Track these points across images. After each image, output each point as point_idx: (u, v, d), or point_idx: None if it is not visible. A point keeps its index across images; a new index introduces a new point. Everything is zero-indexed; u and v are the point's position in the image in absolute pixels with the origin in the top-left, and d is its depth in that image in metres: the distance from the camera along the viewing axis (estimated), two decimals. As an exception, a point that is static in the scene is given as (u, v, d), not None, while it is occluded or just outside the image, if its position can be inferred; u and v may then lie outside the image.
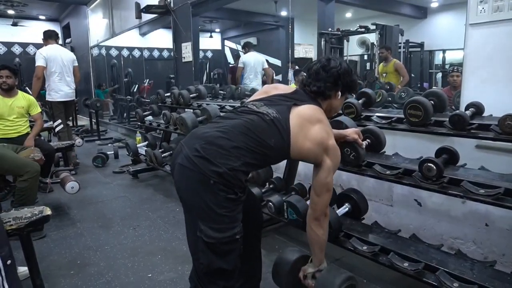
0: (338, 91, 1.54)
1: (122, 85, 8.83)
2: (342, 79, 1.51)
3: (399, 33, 5.65)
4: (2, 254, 1.49)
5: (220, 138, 1.31)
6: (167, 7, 5.13)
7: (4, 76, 3.29)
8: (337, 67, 1.50)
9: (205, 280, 1.37)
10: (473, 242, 2.15)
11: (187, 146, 1.34)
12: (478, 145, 2.03)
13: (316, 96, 1.53)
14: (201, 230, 1.29)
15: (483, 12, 1.94)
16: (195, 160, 1.28)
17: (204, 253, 1.32)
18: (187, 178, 1.31)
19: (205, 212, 1.28)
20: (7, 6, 9.31)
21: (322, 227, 1.51)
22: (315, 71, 1.52)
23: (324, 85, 1.50)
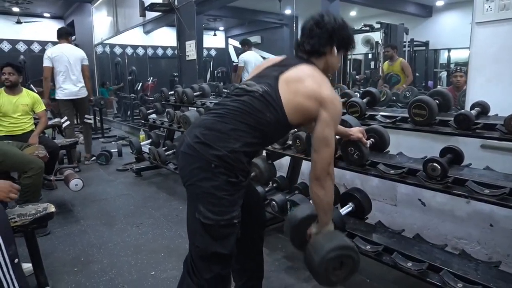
0: (333, 47, 1.45)
1: (126, 83, 8.85)
2: (337, 33, 1.43)
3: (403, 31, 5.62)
4: (10, 252, 1.52)
5: (218, 123, 1.32)
6: (171, 5, 5.13)
7: (7, 73, 3.31)
8: (331, 22, 1.42)
9: (200, 265, 1.35)
10: (477, 242, 2.13)
11: (188, 135, 1.36)
12: (483, 145, 2.01)
13: (310, 56, 1.45)
14: (200, 212, 1.29)
15: (490, 10, 1.93)
16: (196, 146, 1.29)
17: (201, 236, 1.32)
18: (189, 164, 1.32)
19: (205, 195, 1.29)
20: (12, 4, 9.34)
21: (324, 188, 1.39)
22: (309, 28, 1.44)
23: (318, 41, 1.42)
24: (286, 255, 2.37)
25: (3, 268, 1.51)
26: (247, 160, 1.34)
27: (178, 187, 3.90)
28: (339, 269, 1.41)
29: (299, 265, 2.25)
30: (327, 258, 1.37)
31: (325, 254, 1.37)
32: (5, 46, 10.83)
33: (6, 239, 1.52)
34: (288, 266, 2.25)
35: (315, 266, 1.39)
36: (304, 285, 2.06)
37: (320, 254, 1.38)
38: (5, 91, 3.36)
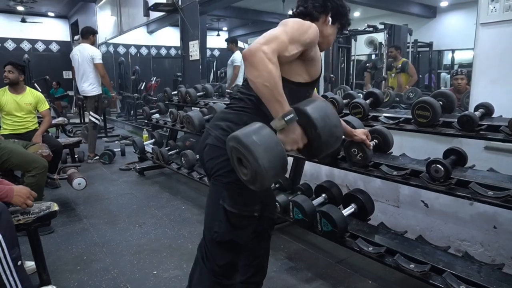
0: (327, 15, 1.41)
1: (129, 83, 8.87)
2: (331, 1, 1.41)
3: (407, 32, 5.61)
4: (13, 255, 1.53)
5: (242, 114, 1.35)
6: (175, 5, 5.14)
7: (7, 71, 3.33)
8: None
9: (214, 251, 1.40)
10: (480, 244, 2.12)
11: (214, 129, 1.38)
12: (487, 147, 2.00)
13: (303, 19, 1.34)
14: (225, 199, 1.34)
15: (494, 11, 1.92)
16: (225, 139, 1.21)
17: (221, 222, 1.36)
18: (218, 155, 1.34)
19: (232, 185, 1.32)
20: (17, 3, 9.40)
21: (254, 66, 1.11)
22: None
23: (312, 4, 1.39)
24: (288, 256, 2.37)
25: (6, 271, 1.52)
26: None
27: (181, 187, 3.91)
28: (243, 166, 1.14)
29: (301, 266, 2.25)
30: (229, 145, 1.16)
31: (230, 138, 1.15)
32: (10, 44, 10.90)
33: (10, 242, 1.53)
34: (290, 267, 2.25)
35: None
36: (306, 286, 2.06)
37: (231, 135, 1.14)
38: (9, 90, 3.38)
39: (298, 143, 1.19)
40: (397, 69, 4.30)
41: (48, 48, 11.57)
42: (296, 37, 1.22)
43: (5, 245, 1.51)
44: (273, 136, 1.11)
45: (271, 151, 1.08)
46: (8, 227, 1.56)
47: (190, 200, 3.44)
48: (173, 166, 3.67)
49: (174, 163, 3.69)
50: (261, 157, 1.06)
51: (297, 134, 1.18)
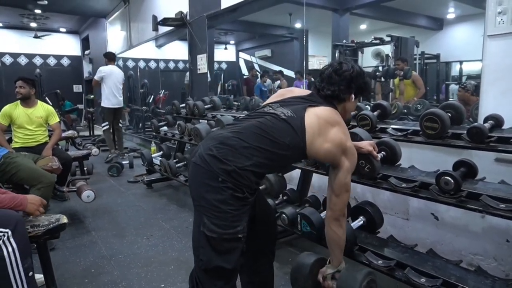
0: (351, 94, 1.55)
1: (138, 96, 8.98)
2: (355, 82, 1.52)
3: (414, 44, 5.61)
4: (25, 266, 1.55)
5: (233, 138, 1.34)
6: (183, 19, 5.23)
7: (18, 86, 3.40)
8: (349, 70, 1.51)
9: (204, 278, 1.36)
10: (493, 258, 2.08)
11: (203, 146, 1.39)
12: (497, 159, 1.98)
13: (331, 100, 1.54)
14: (204, 224, 1.31)
15: (502, 23, 1.92)
16: (207, 158, 1.31)
17: (204, 249, 1.33)
18: (198, 175, 1.35)
19: (210, 208, 1.30)
20: (30, 19, 9.66)
21: (342, 227, 1.54)
22: (328, 75, 1.53)
23: (338, 88, 1.51)
24: (296, 269, 2.34)
25: (17, 281, 1.54)
26: (255, 180, 1.35)
27: (189, 199, 3.90)
28: None
29: (309, 279, 2.22)
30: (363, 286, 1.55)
31: (361, 282, 1.55)
32: (22, 60, 11.16)
33: (23, 252, 1.56)
34: (299, 281, 2.21)
35: None
36: (314, 300, 2.03)
37: (355, 285, 1.55)
38: (20, 104, 3.45)
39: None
40: (400, 77, 4.30)
41: (59, 62, 11.82)
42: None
43: (18, 254, 1.54)
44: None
45: None
46: (22, 237, 1.59)
47: (197, 213, 3.43)
48: (181, 178, 3.68)
49: (182, 175, 3.70)
50: None
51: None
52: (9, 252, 1.52)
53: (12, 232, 1.54)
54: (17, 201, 1.74)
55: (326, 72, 1.54)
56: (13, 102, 3.49)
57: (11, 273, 1.52)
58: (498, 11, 1.93)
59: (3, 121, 3.39)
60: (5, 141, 3.39)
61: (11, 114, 3.40)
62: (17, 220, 1.59)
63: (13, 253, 1.53)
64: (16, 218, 1.60)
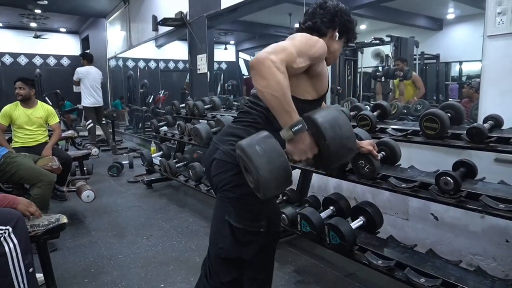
0: (335, 30, 1.42)
1: (138, 96, 8.98)
2: (339, 16, 1.41)
3: (414, 45, 5.61)
4: (26, 262, 1.58)
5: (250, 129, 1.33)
6: (183, 19, 5.23)
7: (18, 87, 3.40)
8: (334, 5, 1.43)
9: (218, 268, 1.38)
10: (493, 258, 2.08)
11: (222, 143, 1.37)
12: (497, 159, 1.98)
13: (311, 33, 1.36)
14: (230, 214, 1.33)
15: (502, 23, 1.92)
16: (234, 154, 1.26)
17: (226, 238, 1.35)
18: (226, 170, 1.33)
19: (238, 200, 1.32)
20: (30, 19, 9.66)
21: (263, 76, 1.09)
22: (312, 10, 1.45)
23: (320, 19, 1.40)
24: (296, 269, 2.35)
25: (18, 276, 1.56)
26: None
27: (188, 199, 3.91)
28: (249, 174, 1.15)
29: (309, 279, 2.23)
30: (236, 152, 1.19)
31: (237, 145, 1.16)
32: (22, 60, 11.16)
33: (24, 249, 1.59)
34: (298, 280, 2.22)
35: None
36: (314, 300, 2.03)
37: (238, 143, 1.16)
38: (20, 104, 3.45)
39: (307, 153, 1.18)
40: (400, 77, 4.30)
41: (59, 62, 11.82)
42: (304, 50, 1.22)
43: (19, 250, 1.56)
44: (277, 146, 1.11)
45: (273, 162, 1.08)
46: (23, 234, 1.61)
47: (197, 213, 3.44)
48: (181, 178, 3.68)
49: (182, 175, 3.70)
50: (262, 167, 1.07)
51: (306, 145, 1.16)
52: (11, 249, 1.54)
53: (13, 229, 1.57)
54: (10, 200, 1.77)
55: (310, 8, 1.47)
56: (13, 102, 3.49)
57: (12, 269, 1.55)
58: (498, 12, 1.93)
59: (3, 121, 3.39)
60: (5, 141, 3.39)
61: (11, 114, 3.40)
62: (18, 218, 1.62)
63: (14, 249, 1.55)
64: (16, 216, 1.63)
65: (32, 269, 1.63)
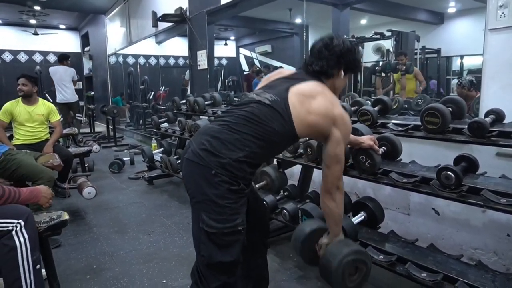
0: (341, 70, 1.50)
1: (138, 92, 8.97)
2: (344, 57, 1.48)
3: (415, 39, 5.59)
4: (34, 258, 1.60)
5: (224, 131, 1.34)
6: (183, 15, 5.21)
7: (21, 84, 3.40)
8: (340, 45, 1.46)
9: (206, 274, 1.36)
10: (494, 253, 2.08)
11: (195, 142, 1.38)
12: (498, 153, 1.98)
13: (319, 75, 1.49)
14: (203, 220, 1.30)
15: (503, 17, 1.91)
16: (201, 153, 1.31)
17: (205, 244, 1.33)
18: (192, 171, 1.34)
19: (208, 203, 1.30)
20: (29, 16, 9.63)
21: (334, 200, 1.47)
22: (318, 50, 1.49)
23: (326, 63, 1.46)
24: (297, 265, 2.35)
25: (25, 272, 1.58)
26: (250, 170, 1.35)
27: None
28: (353, 274, 1.48)
29: (310, 275, 2.23)
30: (344, 261, 1.44)
31: (343, 257, 1.45)
32: (22, 57, 11.14)
33: (33, 244, 1.60)
34: (300, 276, 2.22)
35: (333, 270, 1.44)
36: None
37: (338, 257, 1.45)
38: (22, 101, 3.45)
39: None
40: (402, 71, 4.28)
41: (59, 59, 11.78)
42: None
43: (29, 245, 1.58)
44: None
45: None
46: (33, 230, 1.63)
47: (198, 209, 3.44)
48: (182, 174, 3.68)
49: (183, 171, 3.70)
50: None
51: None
52: (21, 243, 1.56)
53: (24, 223, 1.58)
54: (33, 195, 1.80)
55: (316, 47, 1.50)
56: (14, 99, 3.49)
57: (21, 264, 1.56)
58: (500, 5, 1.91)
59: (4, 118, 3.39)
60: (6, 138, 3.39)
61: (12, 111, 3.40)
62: (29, 213, 1.64)
63: (25, 244, 1.57)
64: (27, 211, 1.65)
65: (39, 266, 1.64)
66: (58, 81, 6.49)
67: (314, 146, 2.12)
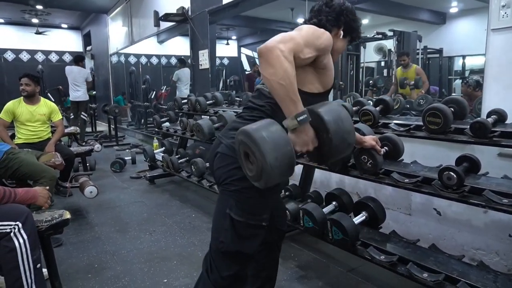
0: (340, 29, 1.44)
1: (140, 92, 8.98)
2: (344, 15, 1.42)
3: (417, 39, 5.58)
4: (34, 257, 1.61)
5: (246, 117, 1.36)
6: (185, 15, 5.21)
7: (24, 84, 3.40)
8: (340, 3, 1.44)
9: (220, 261, 1.37)
10: (496, 253, 2.08)
11: (226, 136, 1.38)
12: (500, 153, 1.97)
13: None
14: (232, 207, 1.32)
15: (506, 16, 1.90)
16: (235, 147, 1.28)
17: (227, 231, 1.34)
18: (228, 164, 1.34)
19: (240, 193, 1.31)
20: (32, 15, 9.64)
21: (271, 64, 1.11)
22: (318, 7, 1.46)
23: (325, 18, 1.41)
24: (298, 265, 2.35)
25: (26, 271, 1.59)
26: None
27: (191, 195, 3.92)
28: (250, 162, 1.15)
29: (312, 274, 2.23)
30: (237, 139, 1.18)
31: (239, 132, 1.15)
32: (24, 56, 11.15)
33: (33, 244, 1.61)
34: (301, 276, 2.23)
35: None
36: (317, 295, 2.04)
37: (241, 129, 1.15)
38: (24, 101, 3.46)
39: (308, 145, 1.19)
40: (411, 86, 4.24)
41: (61, 58, 11.81)
42: (311, 40, 1.23)
43: (28, 246, 1.59)
44: (284, 134, 1.11)
45: (279, 149, 1.07)
46: (32, 230, 1.64)
47: (200, 208, 3.45)
48: (183, 174, 3.69)
49: (184, 171, 3.71)
50: (268, 154, 1.05)
51: (309, 136, 1.17)
52: (20, 244, 1.57)
53: (22, 224, 1.59)
54: (30, 195, 1.79)
55: (316, 5, 1.48)
56: (16, 99, 3.50)
57: (21, 264, 1.57)
58: (502, 5, 1.91)
59: (6, 117, 3.40)
60: (8, 137, 3.40)
61: (14, 111, 3.41)
62: (27, 214, 1.64)
63: (24, 244, 1.58)
64: (26, 212, 1.65)
65: (39, 265, 1.65)
66: (72, 81, 6.89)
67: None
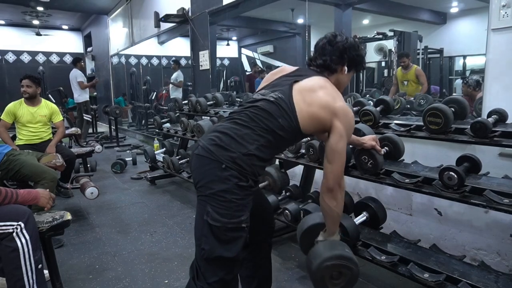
0: (344, 66, 1.51)
1: (140, 93, 8.99)
2: (348, 52, 1.49)
3: (417, 39, 5.58)
4: (36, 258, 1.62)
5: (233, 128, 1.37)
6: (185, 16, 5.22)
7: (25, 85, 3.41)
8: (343, 41, 1.48)
9: (204, 268, 1.36)
10: (497, 253, 2.08)
11: (204, 139, 1.40)
12: (501, 153, 1.97)
13: (322, 71, 1.51)
14: (208, 213, 1.31)
15: (506, 16, 1.90)
16: (211, 148, 1.34)
17: (207, 238, 1.33)
18: (202, 165, 1.35)
19: (215, 197, 1.31)
20: (32, 17, 9.67)
21: (335, 199, 1.42)
22: (321, 46, 1.51)
23: (329, 58, 1.48)
24: (299, 265, 2.35)
25: (28, 272, 1.59)
26: (260, 164, 1.37)
27: (192, 196, 3.92)
28: (337, 278, 1.44)
29: (312, 275, 2.23)
30: (323, 266, 1.40)
31: (322, 262, 1.41)
32: (25, 57, 11.18)
33: (34, 244, 1.62)
34: (302, 276, 2.22)
35: (312, 273, 1.44)
36: (318, 295, 2.03)
37: (317, 261, 1.42)
38: (25, 102, 3.46)
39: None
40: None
41: (62, 60, 11.84)
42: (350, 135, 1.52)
43: (30, 246, 1.60)
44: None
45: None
46: (33, 230, 1.64)
47: (200, 209, 3.45)
48: (184, 175, 3.69)
49: (185, 172, 3.71)
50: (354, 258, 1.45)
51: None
52: (23, 244, 1.58)
53: (24, 225, 1.60)
54: (32, 196, 1.79)
55: (320, 44, 1.52)
56: (17, 100, 3.51)
57: (23, 264, 1.58)
58: (502, 4, 1.91)
59: (7, 119, 3.41)
60: (9, 139, 3.41)
61: (16, 112, 3.42)
62: (29, 214, 1.65)
63: (26, 244, 1.59)
64: (27, 212, 1.66)
65: (41, 266, 1.66)
66: (71, 83, 7.26)
67: (316, 146, 2.12)
